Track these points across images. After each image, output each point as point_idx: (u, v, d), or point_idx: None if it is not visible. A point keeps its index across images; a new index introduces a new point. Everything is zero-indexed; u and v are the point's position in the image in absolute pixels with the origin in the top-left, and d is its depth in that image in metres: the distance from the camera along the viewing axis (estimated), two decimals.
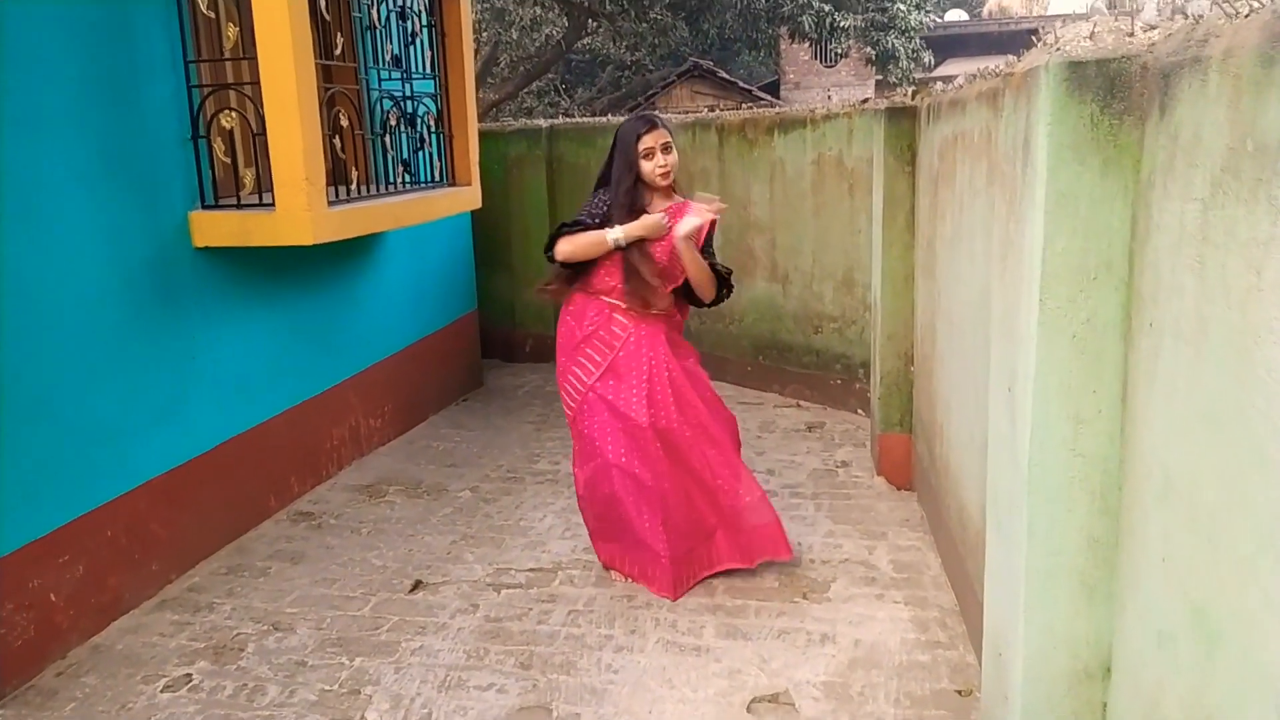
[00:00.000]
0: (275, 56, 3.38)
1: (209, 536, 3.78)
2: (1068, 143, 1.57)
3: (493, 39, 15.90)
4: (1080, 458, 1.66)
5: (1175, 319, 1.40)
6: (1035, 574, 1.74)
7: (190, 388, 3.67)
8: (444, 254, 5.89)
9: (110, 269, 3.28)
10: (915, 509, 4.10)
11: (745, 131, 5.94)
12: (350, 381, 4.78)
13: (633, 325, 3.38)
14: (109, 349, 3.28)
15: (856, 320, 5.40)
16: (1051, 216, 1.59)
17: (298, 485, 4.35)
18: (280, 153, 3.46)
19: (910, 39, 13.76)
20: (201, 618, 3.33)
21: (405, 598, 3.43)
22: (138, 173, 3.39)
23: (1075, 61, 1.56)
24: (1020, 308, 1.71)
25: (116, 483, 3.33)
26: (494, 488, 4.51)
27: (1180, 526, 1.42)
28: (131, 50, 3.35)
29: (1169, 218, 1.44)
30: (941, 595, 3.34)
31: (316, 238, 3.56)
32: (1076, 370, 1.63)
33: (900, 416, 4.37)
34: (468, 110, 5.00)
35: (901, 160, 4.15)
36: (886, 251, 4.25)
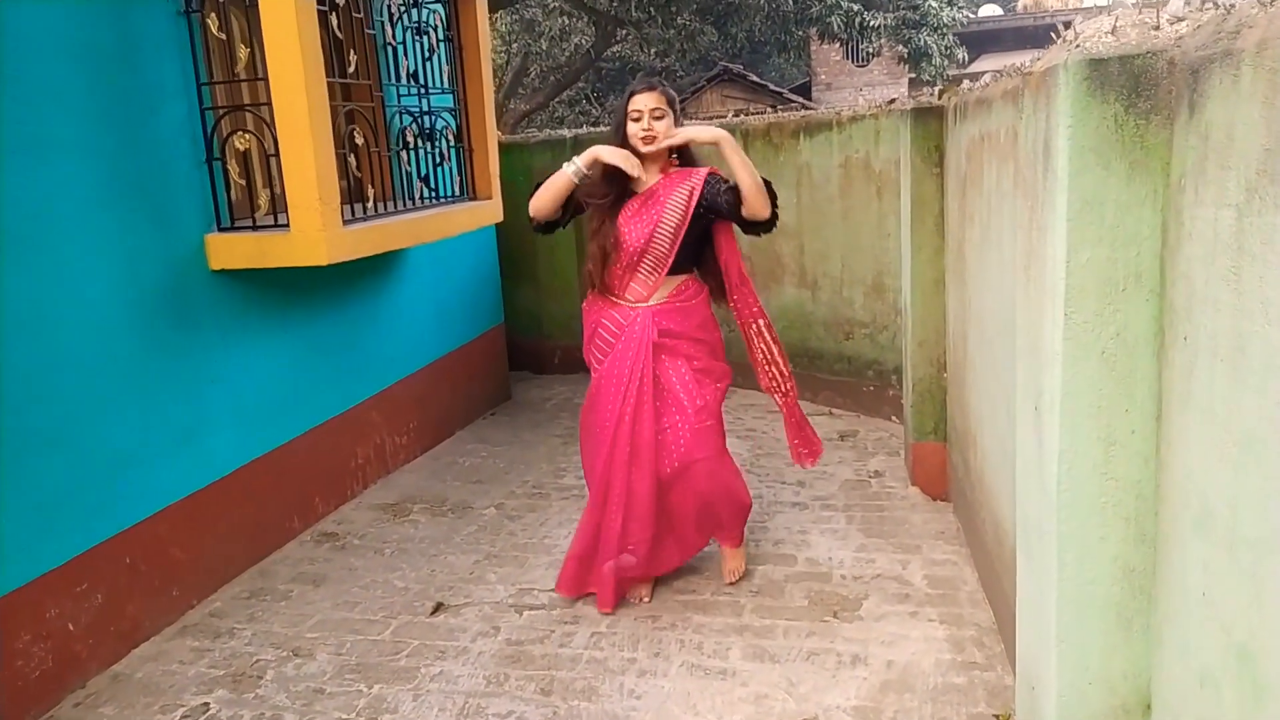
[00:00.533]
0: (286, 77, 3.35)
1: (231, 560, 3.76)
2: (1090, 145, 1.47)
3: (522, 50, 15.95)
4: (1113, 481, 1.55)
5: (1211, 336, 1.29)
6: (1067, 604, 1.63)
7: (209, 411, 3.65)
8: (468, 268, 5.86)
9: (125, 294, 3.27)
10: (951, 520, 3.97)
11: (770, 136, 5.84)
12: (373, 399, 4.74)
13: (627, 319, 3.25)
14: (125, 375, 3.26)
15: (888, 326, 5.27)
16: (1075, 225, 1.48)
17: (322, 505, 4.32)
18: (294, 174, 3.43)
19: (943, 36, 13.55)
20: (222, 644, 3.29)
21: (426, 620, 3.38)
22: (151, 196, 3.38)
23: (1096, 59, 1.45)
24: (1045, 322, 1.61)
25: (135, 509, 3.31)
26: (519, 504, 4.45)
27: (1221, 559, 1.30)
28: (142, 73, 3.33)
29: (1201, 225, 1.33)
30: (978, 613, 3.21)
31: (331, 258, 3.52)
32: (1107, 388, 1.52)
33: (934, 425, 4.24)
34: (487, 123, 4.95)
35: (929, 162, 4.03)
36: (915, 255, 4.12)
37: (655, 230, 3.18)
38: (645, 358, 3.22)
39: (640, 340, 3.22)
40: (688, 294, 3.31)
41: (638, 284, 3.26)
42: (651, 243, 3.19)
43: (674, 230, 3.19)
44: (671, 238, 3.20)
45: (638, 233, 3.18)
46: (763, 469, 4.71)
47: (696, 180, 3.19)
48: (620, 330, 3.26)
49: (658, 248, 3.20)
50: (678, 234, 3.19)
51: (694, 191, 3.17)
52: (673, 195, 3.18)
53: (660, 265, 3.22)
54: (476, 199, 5.02)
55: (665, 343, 3.25)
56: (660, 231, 3.19)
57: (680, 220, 3.18)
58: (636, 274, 3.24)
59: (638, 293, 3.27)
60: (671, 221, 3.17)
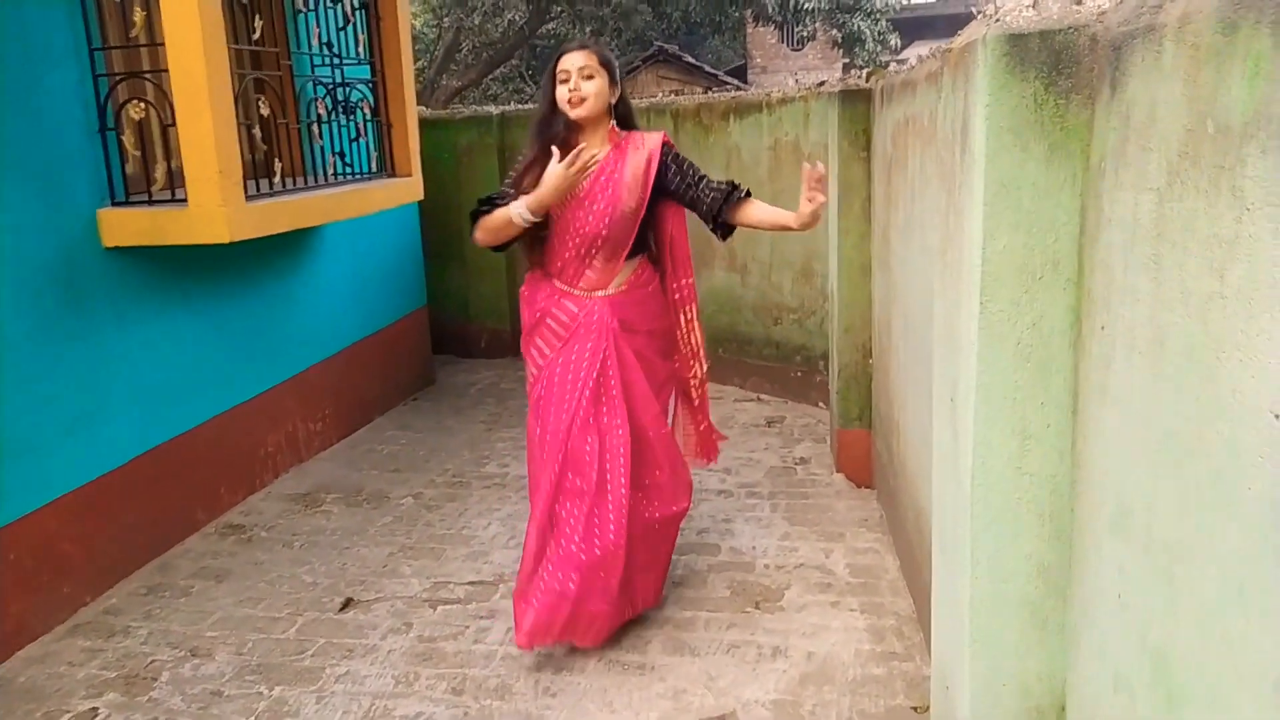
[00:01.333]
0: (183, 41, 3.15)
1: (128, 555, 3.56)
2: (1008, 126, 1.39)
3: (454, 24, 15.58)
4: (1027, 476, 1.50)
5: (1129, 327, 1.23)
6: (981, 602, 1.58)
7: (104, 397, 3.44)
8: (389, 248, 5.66)
9: (9, 273, 3.04)
10: (875, 508, 3.95)
11: (700, 117, 5.75)
12: (286, 384, 4.55)
13: (582, 310, 2.89)
14: (10, 358, 3.04)
15: (816, 311, 5.23)
16: (991, 209, 1.41)
17: (228, 496, 4.13)
18: (191, 145, 3.23)
19: (876, 21, 13.60)
20: (115, 644, 3.11)
21: (334, 617, 3.23)
22: (38, 169, 3.15)
23: (1015, 34, 1.38)
24: (960, 310, 1.54)
25: (21, 502, 3.10)
26: (438, 494, 4.31)
27: (1136, 560, 1.25)
28: (27, 36, 3.10)
29: (1122, 210, 1.27)
30: (899, 601, 3.18)
31: (233, 235, 3.34)
32: (1022, 380, 1.46)
33: (859, 411, 4.21)
34: (406, 97, 4.77)
35: (856, 146, 3.98)
36: (842, 240, 4.08)
37: (613, 214, 2.83)
38: (610, 352, 2.87)
39: (600, 332, 2.87)
40: (643, 279, 2.98)
41: (593, 272, 2.89)
42: (610, 228, 2.83)
43: (634, 212, 2.84)
44: (631, 220, 2.84)
45: (595, 218, 2.82)
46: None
47: (651, 147, 2.86)
48: (573, 321, 2.89)
49: (617, 233, 2.84)
50: (637, 215, 2.85)
51: (650, 163, 2.84)
52: (626, 170, 2.83)
53: (619, 251, 2.87)
54: (395, 176, 4.84)
55: (624, 337, 2.91)
56: (620, 215, 2.83)
57: (640, 200, 2.83)
58: (591, 262, 2.88)
59: (593, 280, 2.90)
60: (631, 202, 2.82)
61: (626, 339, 2.91)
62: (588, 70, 2.77)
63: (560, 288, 2.92)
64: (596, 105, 2.79)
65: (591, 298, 2.90)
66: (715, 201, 2.88)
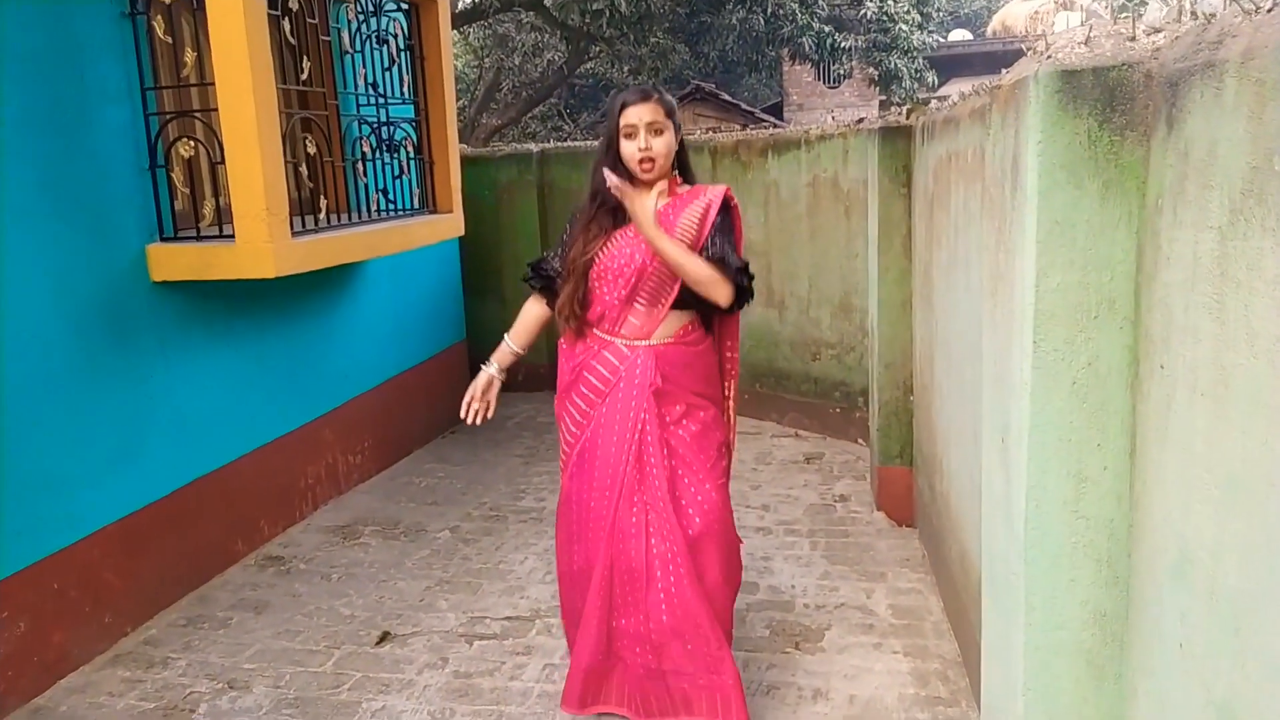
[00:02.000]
0: (233, 81, 3.22)
1: (169, 585, 3.58)
2: (1061, 163, 1.38)
3: (495, 64, 15.84)
4: (1083, 520, 1.46)
5: (1190, 368, 1.20)
6: (1035, 649, 1.53)
7: (148, 429, 3.48)
8: (429, 283, 5.72)
9: (59, 306, 3.11)
10: (916, 547, 3.88)
11: (739, 153, 5.77)
12: (326, 417, 4.59)
13: (624, 362, 2.59)
14: (57, 390, 3.10)
15: (855, 347, 5.19)
16: (1045, 247, 1.39)
17: (268, 528, 4.16)
18: (240, 182, 3.29)
19: (913, 59, 13.61)
20: (154, 674, 3.12)
21: (371, 651, 3.22)
22: (90, 205, 3.22)
23: (1068, 70, 1.36)
24: (1013, 349, 1.51)
25: (66, 532, 3.14)
26: (475, 527, 4.30)
27: (1199, 609, 1.21)
28: (82, 77, 3.19)
29: (1181, 248, 1.24)
30: (943, 644, 3.11)
31: (279, 270, 3.38)
32: (1078, 421, 1.43)
33: (900, 448, 4.16)
34: (448, 135, 4.84)
35: (896, 182, 3.97)
36: (883, 277, 4.05)
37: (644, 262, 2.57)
38: (649, 406, 2.57)
39: (642, 384, 2.57)
40: (692, 336, 2.66)
41: (636, 317, 2.60)
42: (655, 262, 2.54)
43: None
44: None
45: (641, 252, 2.55)
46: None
47: (712, 197, 2.59)
48: (614, 375, 2.60)
49: (661, 272, 2.55)
50: None
51: (709, 210, 2.55)
52: (683, 216, 2.55)
53: (662, 296, 2.58)
54: (437, 212, 4.90)
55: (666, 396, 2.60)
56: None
57: (691, 243, 2.53)
58: (634, 305, 2.59)
59: (635, 328, 2.60)
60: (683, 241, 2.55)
61: (669, 399, 2.60)
62: (657, 125, 2.48)
63: (600, 337, 2.64)
64: (666, 165, 2.54)
65: (634, 347, 2.60)
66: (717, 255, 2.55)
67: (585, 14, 10.74)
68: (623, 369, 2.59)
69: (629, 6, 10.47)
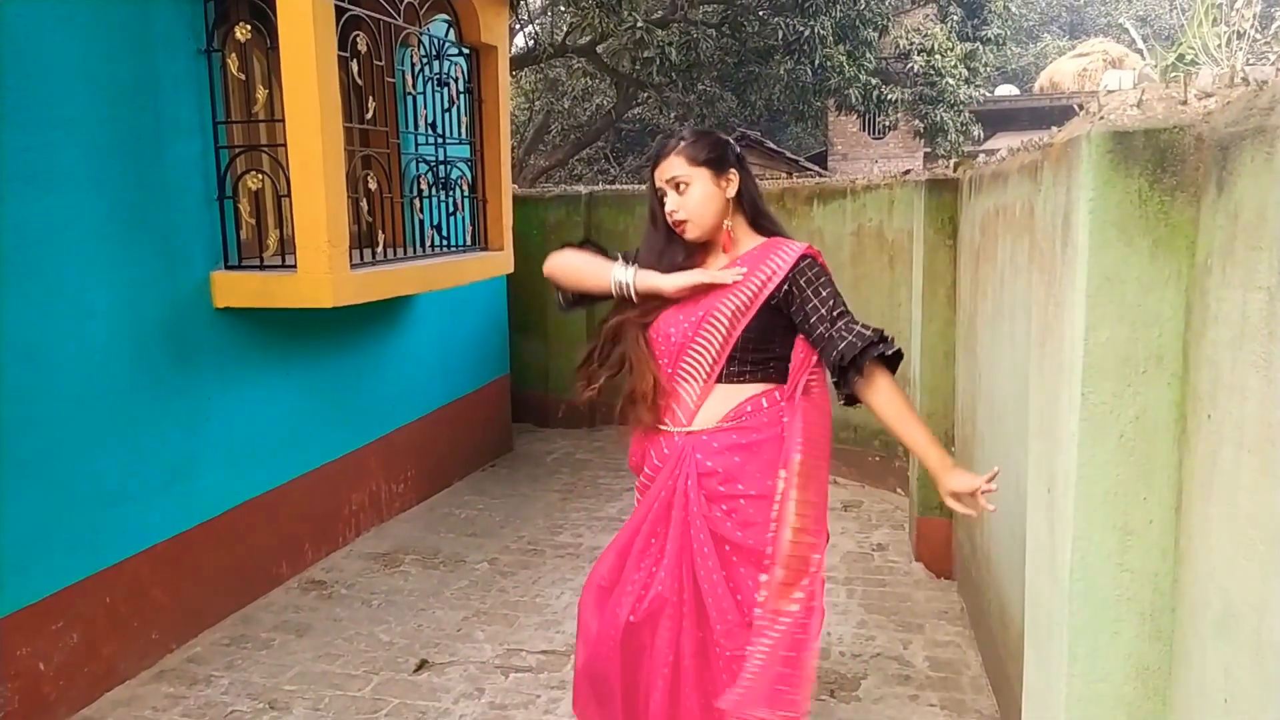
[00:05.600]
0: (302, 119, 3.35)
1: (214, 605, 3.66)
2: (1112, 220, 1.41)
3: (545, 107, 16.15)
4: (1128, 573, 1.47)
5: (1237, 424, 1.22)
6: (1077, 702, 1.54)
7: (202, 450, 3.58)
8: (477, 318, 5.83)
9: (125, 327, 3.23)
10: (955, 600, 3.86)
11: (784, 201, 5.84)
12: (372, 446, 4.67)
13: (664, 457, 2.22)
14: (118, 408, 3.21)
15: None
16: (1095, 301, 1.42)
17: (312, 552, 4.23)
18: (304, 215, 3.41)
19: (959, 113, 13.68)
20: (197, 692, 3.19)
21: (409, 678, 3.27)
22: (159, 231, 3.36)
23: (1120, 131, 1.40)
24: (1060, 401, 1.54)
25: (118, 547, 3.23)
26: (513, 560, 4.35)
27: (1244, 664, 1.22)
28: (158, 109, 3.33)
29: (1229, 308, 1.27)
30: (981, 699, 3.09)
31: (337, 300, 3.49)
32: (1124, 474, 1.45)
33: (940, 500, 4.13)
34: (502, 175, 4.96)
35: (942, 234, 4.01)
36: (926, 327, 4.07)
37: (705, 319, 2.15)
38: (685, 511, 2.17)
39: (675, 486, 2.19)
40: (756, 421, 2.18)
41: (682, 399, 2.21)
42: (697, 336, 2.16)
43: (729, 319, 2.14)
44: (726, 329, 2.14)
45: (678, 324, 2.17)
46: None
47: (782, 261, 2.15)
48: (655, 471, 2.26)
49: (704, 343, 2.16)
50: (735, 324, 2.14)
51: (772, 276, 2.14)
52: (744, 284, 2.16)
53: (705, 368, 2.16)
54: (488, 249, 5.01)
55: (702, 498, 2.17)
56: (711, 321, 2.15)
57: (743, 306, 2.14)
58: (681, 382, 2.19)
59: (678, 414, 2.21)
60: (728, 307, 2.14)
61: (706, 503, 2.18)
62: (678, 179, 2.15)
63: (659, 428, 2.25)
64: (704, 217, 2.16)
65: (674, 435, 2.21)
66: (842, 352, 2.08)
67: (636, 61, 10.95)
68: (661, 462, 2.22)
69: (679, 55, 10.65)
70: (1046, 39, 29.84)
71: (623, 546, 2.28)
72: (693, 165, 2.15)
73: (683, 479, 2.19)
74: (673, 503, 2.20)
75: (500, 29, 4.90)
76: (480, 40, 4.75)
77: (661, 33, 10.52)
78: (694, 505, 2.17)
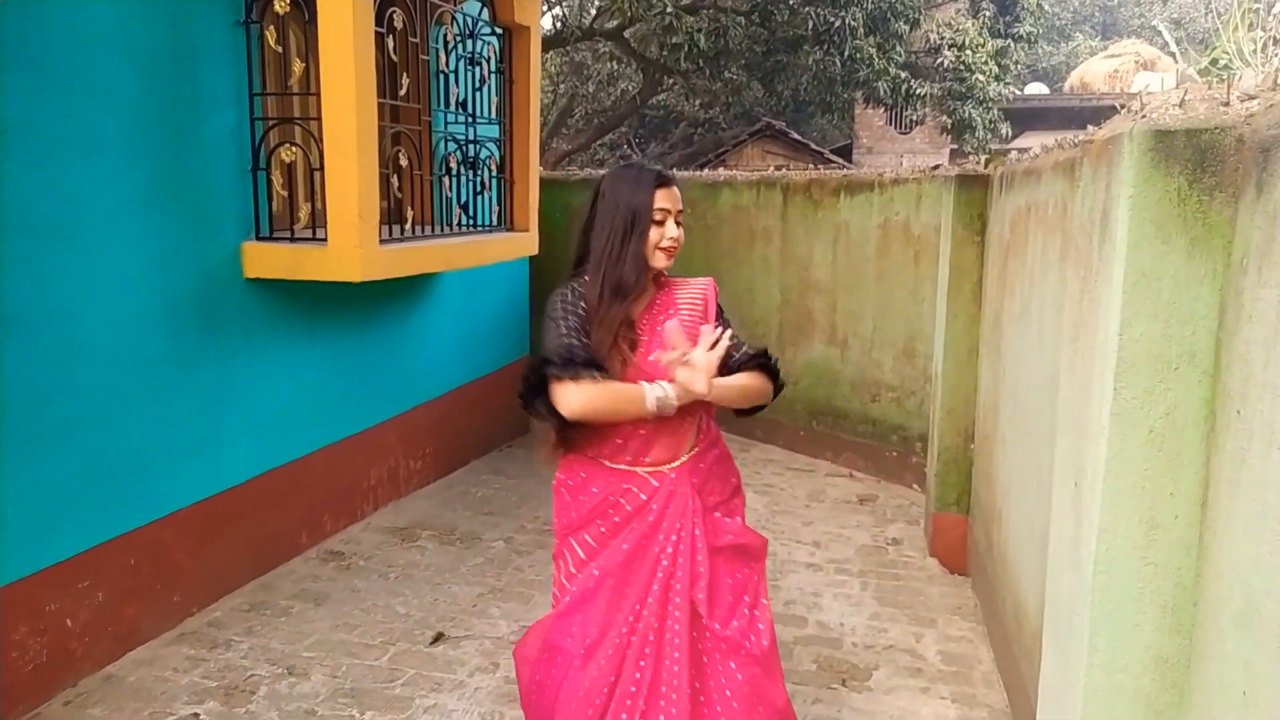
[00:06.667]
0: (338, 94, 3.37)
1: (235, 571, 3.71)
2: (1151, 218, 1.42)
3: (569, 91, 16.15)
4: (1152, 566, 1.49)
5: (1268, 423, 1.23)
6: (1095, 692, 1.56)
7: (227, 419, 3.63)
8: (499, 298, 5.86)
9: (156, 294, 3.27)
10: (969, 596, 3.87)
11: (811, 192, 5.84)
12: (392, 421, 4.72)
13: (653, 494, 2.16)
14: (148, 375, 3.26)
15: (916, 391, 5.20)
16: (1130, 297, 1.43)
17: (330, 524, 4.28)
18: (336, 189, 3.44)
19: (988, 109, 13.56)
20: (218, 655, 3.24)
21: (425, 650, 3.31)
22: (192, 201, 3.39)
23: (1162, 130, 1.41)
24: (1092, 396, 1.55)
25: (144, 511, 3.29)
26: (528, 540, 4.38)
27: (1265, 657, 1.23)
28: (195, 80, 3.37)
29: (1264, 307, 1.28)
30: (992, 694, 3.11)
31: (365, 275, 3.52)
32: (1153, 469, 1.46)
33: (957, 496, 4.16)
34: (530, 157, 4.98)
35: (971, 230, 4.00)
36: (950, 323, 4.08)
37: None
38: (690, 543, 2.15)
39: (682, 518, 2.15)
40: (712, 435, 2.31)
41: (666, 440, 2.18)
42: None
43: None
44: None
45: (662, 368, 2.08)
46: (778, 526, 4.63)
47: (703, 285, 2.30)
48: (642, 509, 2.16)
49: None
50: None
51: (708, 298, 2.27)
52: (680, 293, 2.26)
53: (693, 407, 2.16)
54: (514, 230, 5.03)
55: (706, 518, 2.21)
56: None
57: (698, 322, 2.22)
58: (665, 425, 2.15)
59: (662, 454, 2.19)
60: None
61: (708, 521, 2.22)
62: (680, 212, 2.17)
63: (618, 468, 2.18)
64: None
65: (663, 473, 2.18)
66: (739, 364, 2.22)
67: (664, 46, 10.92)
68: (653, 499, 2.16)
69: (708, 42, 10.61)
70: (1079, 38, 29.56)
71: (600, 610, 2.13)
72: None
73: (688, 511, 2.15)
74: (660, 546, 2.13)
75: (533, 10, 4.91)
76: (514, 20, 4.77)
77: (691, 19, 10.48)
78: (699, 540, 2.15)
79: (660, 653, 2.09)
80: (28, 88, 2.75)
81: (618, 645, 2.10)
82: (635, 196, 2.12)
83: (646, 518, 2.14)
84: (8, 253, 2.71)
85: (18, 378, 2.76)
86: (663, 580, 2.11)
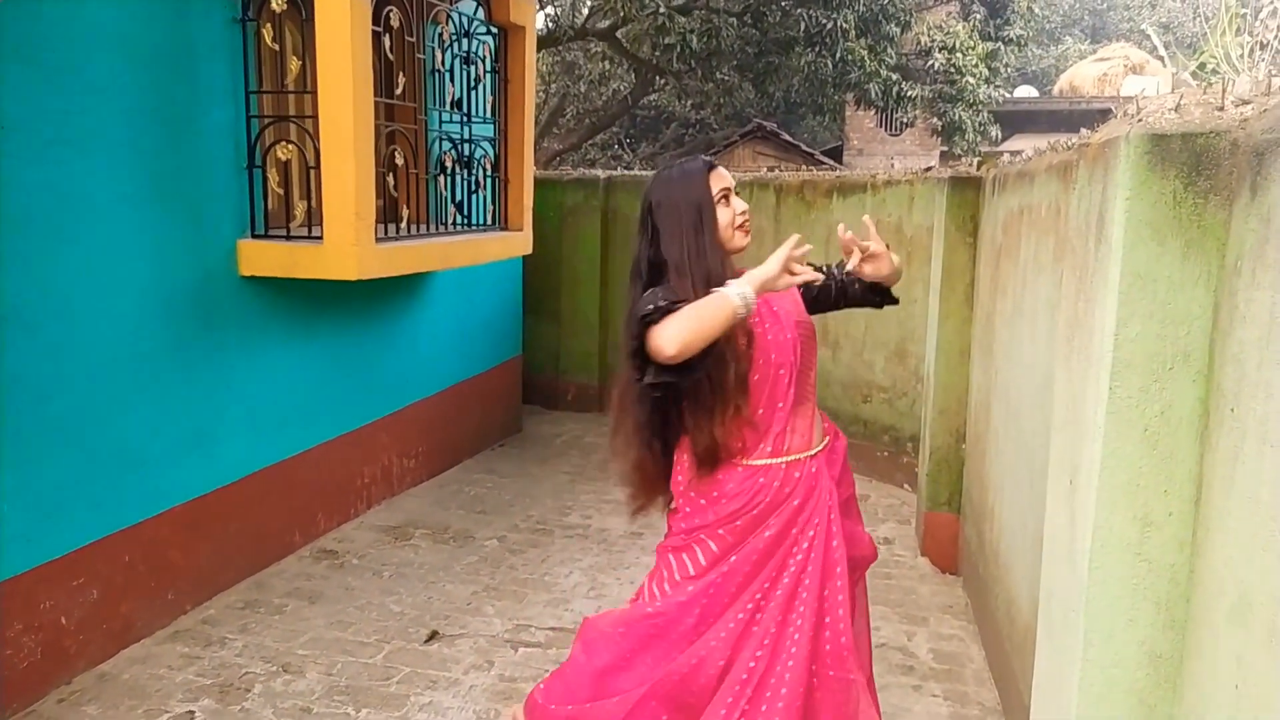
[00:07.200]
0: (335, 92, 3.38)
1: (229, 569, 3.71)
2: (1146, 220, 1.45)
3: (561, 90, 16.15)
4: (1146, 563, 1.51)
5: (1261, 421, 1.26)
6: (1089, 688, 1.58)
7: (222, 417, 3.63)
8: (492, 298, 5.86)
9: (152, 291, 3.27)
10: (960, 595, 3.90)
11: (803, 193, 5.86)
12: (385, 420, 4.72)
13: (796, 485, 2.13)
14: (143, 372, 3.25)
15: (908, 392, 5.23)
16: (1126, 298, 1.46)
17: (324, 522, 4.28)
18: (332, 187, 3.45)
19: (978, 112, 13.64)
20: (212, 653, 3.24)
21: (420, 648, 3.32)
22: (188, 198, 3.39)
23: (1158, 134, 1.44)
24: (1087, 395, 1.57)
25: (138, 508, 3.28)
26: (521, 539, 4.39)
27: (1257, 651, 1.26)
28: (191, 77, 3.37)
29: (1257, 309, 1.30)
30: (983, 692, 3.13)
31: (361, 273, 3.53)
32: (1147, 467, 1.48)
33: (948, 495, 4.19)
34: (525, 156, 4.99)
35: (963, 231, 4.03)
36: (943, 324, 4.10)
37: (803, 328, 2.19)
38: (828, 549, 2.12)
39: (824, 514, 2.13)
40: (832, 427, 2.35)
41: (802, 419, 2.17)
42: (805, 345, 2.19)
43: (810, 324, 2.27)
44: (813, 334, 2.26)
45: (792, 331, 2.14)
46: None
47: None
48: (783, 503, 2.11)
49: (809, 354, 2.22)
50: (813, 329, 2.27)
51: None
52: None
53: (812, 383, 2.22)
54: (508, 229, 5.04)
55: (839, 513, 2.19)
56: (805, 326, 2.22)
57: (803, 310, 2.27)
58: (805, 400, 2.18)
59: (800, 439, 2.17)
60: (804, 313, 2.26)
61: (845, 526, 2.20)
62: (734, 189, 2.19)
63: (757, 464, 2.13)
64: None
65: (802, 462, 2.14)
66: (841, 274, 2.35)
67: (656, 47, 10.95)
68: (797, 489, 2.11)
69: (700, 42, 10.64)
70: (1068, 42, 29.71)
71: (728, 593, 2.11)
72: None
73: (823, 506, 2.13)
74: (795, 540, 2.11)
75: (528, 9, 4.93)
76: (509, 20, 4.78)
77: (683, 19, 10.50)
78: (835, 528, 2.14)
79: (779, 645, 2.07)
80: (24, 85, 2.75)
81: (732, 629, 2.08)
82: (691, 191, 2.11)
83: (788, 508, 2.11)
84: (3, 249, 2.71)
85: (11, 374, 2.76)
86: (794, 573, 2.09)
